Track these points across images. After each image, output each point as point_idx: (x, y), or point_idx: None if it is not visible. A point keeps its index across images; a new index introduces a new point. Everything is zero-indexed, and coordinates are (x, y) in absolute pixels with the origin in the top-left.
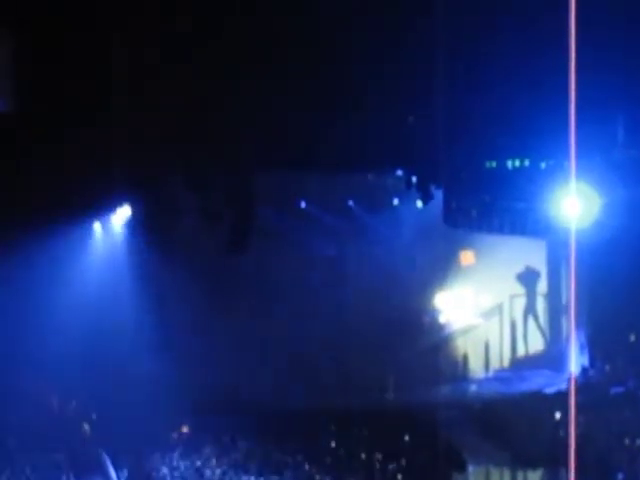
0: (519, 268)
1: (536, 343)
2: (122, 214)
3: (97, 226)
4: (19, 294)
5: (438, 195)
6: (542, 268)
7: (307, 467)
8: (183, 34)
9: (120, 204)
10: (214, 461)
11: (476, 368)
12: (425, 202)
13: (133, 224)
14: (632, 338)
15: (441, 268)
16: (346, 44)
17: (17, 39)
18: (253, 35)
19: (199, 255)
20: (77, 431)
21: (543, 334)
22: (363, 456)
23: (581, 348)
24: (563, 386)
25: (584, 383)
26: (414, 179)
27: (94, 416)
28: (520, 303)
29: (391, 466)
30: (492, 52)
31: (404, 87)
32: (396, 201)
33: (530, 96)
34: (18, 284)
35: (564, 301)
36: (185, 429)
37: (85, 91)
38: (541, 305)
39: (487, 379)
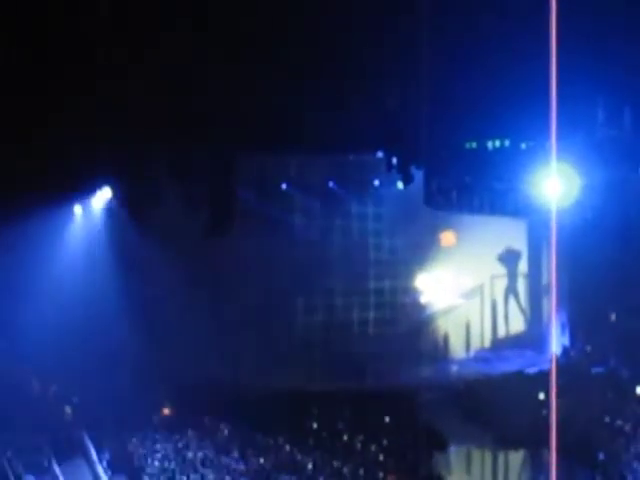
0: (500, 249)
1: (517, 323)
2: (102, 196)
3: (77, 208)
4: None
5: (419, 176)
6: (523, 248)
7: (289, 449)
8: (166, 19)
9: (101, 186)
10: (196, 443)
11: (457, 348)
12: (406, 183)
13: (113, 207)
14: (613, 318)
15: (422, 249)
16: (329, 28)
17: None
18: (234, 20)
19: (180, 238)
20: (58, 414)
21: (524, 314)
22: (345, 437)
23: (562, 328)
24: (544, 366)
25: (565, 363)
26: (395, 160)
27: (75, 399)
28: (501, 283)
29: (372, 447)
30: (473, 34)
31: (385, 69)
32: (377, 182)
33: (510, 77)
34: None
35: (545, 281)
36: (166, 411)
37: (69, 74)
38: (522, 285)
39: (468, 359)
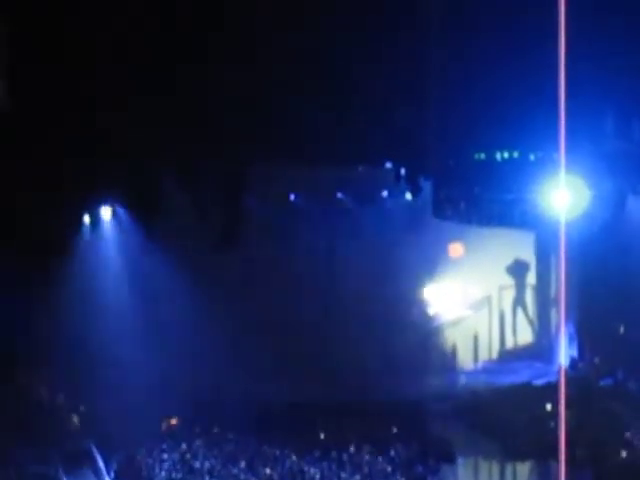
0: (508, 260)
1: (525, 335)
2: (111, 208)
3: (86, 219)
4: (8, 287)
5: (427, 187)
6: (531, 260)
7: (296, 459)
8: (173, 29)
9: (109, 198)
10: (203, 453)
11: (465, 360)
12: (414, 194)
13: (122, 218)
14: (621, 330)
15: (430, 260)
16: (335, 37)
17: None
18: (244, 31)
19: (188, 249)
20: (66, 423)
21: (532, 326)
22: (352, 448)
23: (570, 340)
24: (552, 378)
25: (573, 375)
26: (403, 171)
27: (83, 408)
28: (509, 295)
29: (380, 458)
30: (482, 45)
31: (394, 80)
32: (385, 193)
33: (519, 88)
34: (7, 276)
35: (553, 293)
36: (174, 421)
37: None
38: (530, 297)
39: (476, 371)
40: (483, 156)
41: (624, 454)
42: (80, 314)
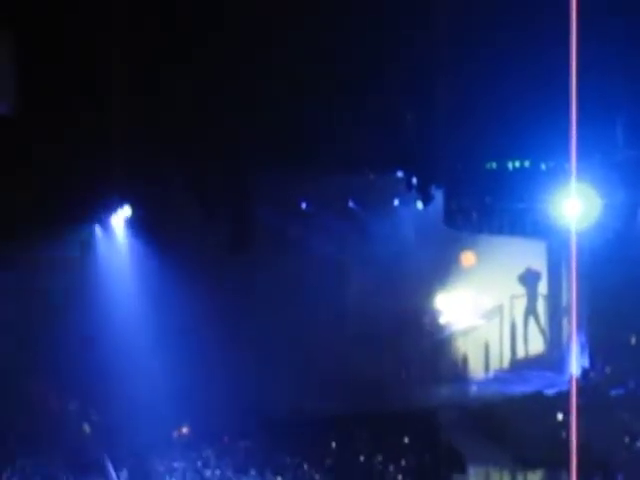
0: (519, 269)
1: (536, 344)
2: (122, 215)
3: (97, 228)
4: (20, 297)
5: (438, 196)
6: (543, 269)
7: (307, 468)
8: (182, 33)
9: (120, 205)
10: (214, 462)
11: (476, 369)
12: (425, 203)
13: (133, 225)
14: (633, 340)
15: (442, 269)
16: (346, 42)
17: (17, 39)
18: (252, 34)
19: (199, 257)
20: (77, 431)
21: (544, 335)
22: (362, 457)
23: (582, 349)
24: (564, 387)
25: (585, 384)
26: (414, 180)
27: (94, 417)
28: (521, 304)
29: (391, 467)
30: (493, 52)
31: (404, 87)
32: (396, 202)
33: (530, 97)
34: (18, 286)
35: (565, 302)
36: (185, 430)
37: (85, 92)
38: (542, 306)
39: (487, 380)
40: (494, 165)
41: (635, 464)
42: (92, 321)
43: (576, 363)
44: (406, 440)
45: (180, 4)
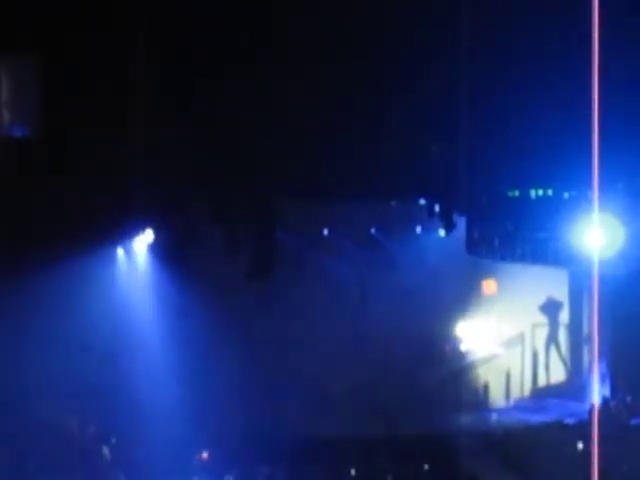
0: (541, 298)
1: (557, 373)
2: (144, 241)
3: (120, 252)
4: (38, 320)
5: (461, 224)
6: (564, 298)
7: None
8: (209, 59)
9: (142, 231)
10: None
11: (497, 397)
12: (448, 231)
13: (155, 252)
14: None
15: (463, 297)
16: (368, 73)
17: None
18: (278, 64)
19: (219, 283)
20: (96, 455)
21: (565, 364)
22: None
23: (602, 379)
24: (584, 416)
25: (605, 414)
26: (437, 208)
27: (114, 440)
28: (542, 333)
29: None
30: (515, 81)
31: (427, 115)
32: (419, 229)
33: (554, 125)
34: (37, 309)
35: (586, 331)
36: (205, 455)
37: (107, 116)
38: (563, 335)
39: (508, 408)
40: (517, 193)
41: None
42: (111, 342)
43: (597, 392)
44: (426, 467)
45: (208, 32)
